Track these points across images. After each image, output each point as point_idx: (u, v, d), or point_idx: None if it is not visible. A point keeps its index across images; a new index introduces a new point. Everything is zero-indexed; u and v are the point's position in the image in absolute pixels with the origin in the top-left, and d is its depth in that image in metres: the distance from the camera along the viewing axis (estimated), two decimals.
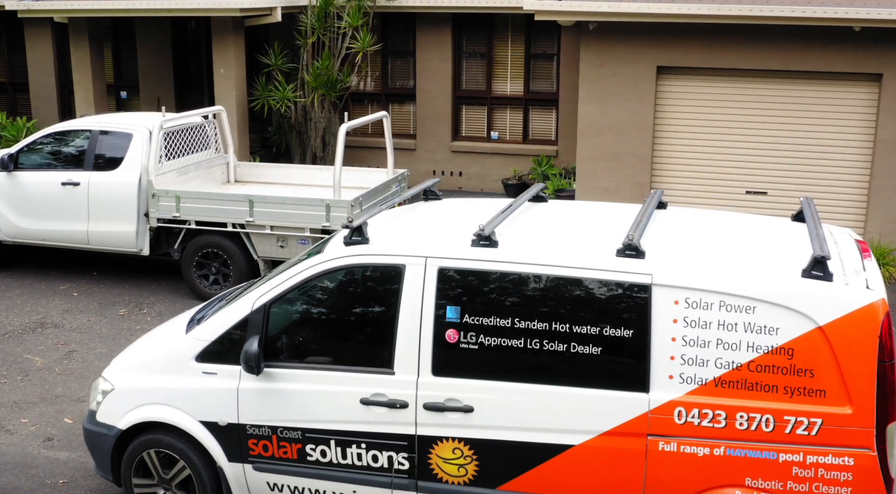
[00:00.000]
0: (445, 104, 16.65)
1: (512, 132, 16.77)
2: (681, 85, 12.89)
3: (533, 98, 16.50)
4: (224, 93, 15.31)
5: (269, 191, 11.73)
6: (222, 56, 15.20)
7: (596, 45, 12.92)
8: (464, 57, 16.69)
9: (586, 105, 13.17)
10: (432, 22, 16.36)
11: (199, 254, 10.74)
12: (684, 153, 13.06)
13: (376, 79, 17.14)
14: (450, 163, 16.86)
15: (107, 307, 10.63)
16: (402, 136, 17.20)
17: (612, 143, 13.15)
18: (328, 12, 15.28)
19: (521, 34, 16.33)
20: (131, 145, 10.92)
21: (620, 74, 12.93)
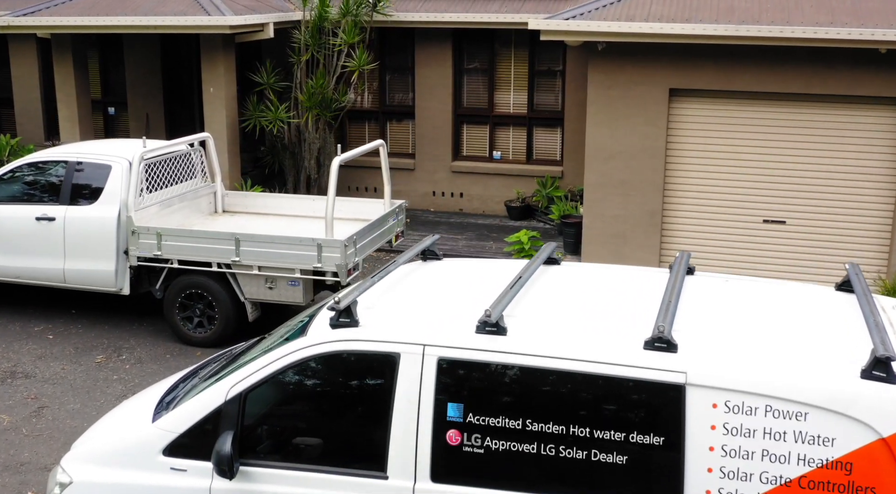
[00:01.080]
0: (446, 122, 15.95)
1: (515, 152, 16.07)
2: (694, 108, 12.18)
3: (537, 116, 15.80)
4: (213, 113, 14.61)
5: (258, 225, 11.04)
6: (212, 74, 14.50)
7: (605, 65, 12.22)
8: (465, 73, 15.99)
9: (595, 128, 12.47)
10: (432, 37, 15.67)
11: (182, 295, 10.04)
12: (698, 180, 12.36)
13: (374, 95, 16.44)
14: (450, 183, 16.17)
15: (83, 352, 9.93)
16: (401, 155, 16.51)
17: (622, 169, 12.45)
18: (322, 28, 14.58)
19: (524, 50, 15.63)
20: (110, 178, 10.22)
21: (631, 97, 12.23)
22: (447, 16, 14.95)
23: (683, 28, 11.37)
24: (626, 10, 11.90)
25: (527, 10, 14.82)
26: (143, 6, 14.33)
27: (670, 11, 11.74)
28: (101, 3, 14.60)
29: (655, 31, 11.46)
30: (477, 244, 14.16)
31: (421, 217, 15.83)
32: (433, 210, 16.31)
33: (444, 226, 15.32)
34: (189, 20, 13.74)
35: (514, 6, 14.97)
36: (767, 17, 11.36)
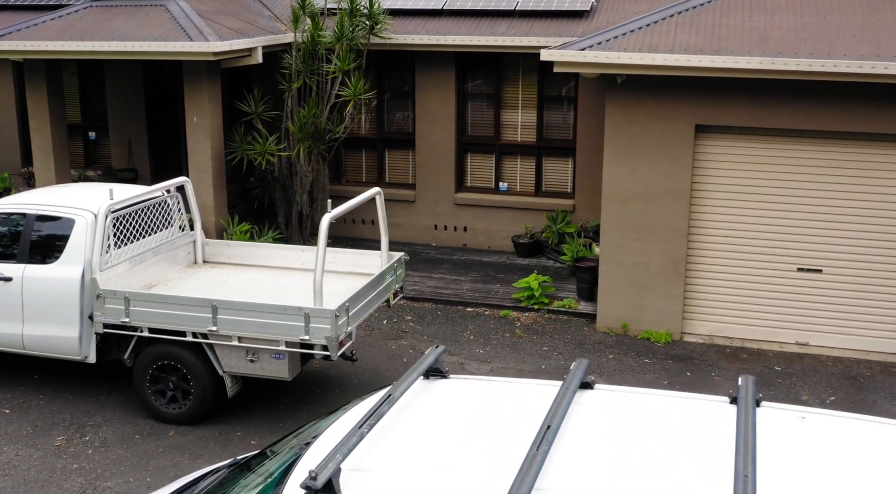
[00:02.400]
0: (448, 151, 14.84)
1: (523, 183, 14.95)
2: (723, 146, 11.07)
3: (546, 146, 14.69)
4: (197, 144, 13.50)
5: (241, 279, 9.94)
6: (195, 103, 13.39)
7: (624, 99, 11.11)
8: (469, 99, 14.88)
9: (612, 167, 11.36)
10: (433, 60, 14.56)
11: (153, 367, 8.93)
12: (726, 224, 11.25)
13: (371, 122, 15.34)
14: (453, 216, 15.06)
15: (42, 432, 8.82)
16: (400, 186, 15.40)
17: (643, 212, 11.34)
18: (315, 53, 13.47)
19: (533, 74, 14.52)
20: (73, 233, 9.11)
21: (653, 133, 11.12)
22: (450, 38, 13.84)
23: (713, 61, 10.25)
24: (648, 38, 10.79)
25: (536, 32, 13.71)
26: (121, 30, 13.22)
27: (697, 41, 10.63)
28: (75, 26, 13.49)
29: (682, 63, 10.35)
30: (482, 288, 13.04)
31: (422, 253, 14.72)
32: (435, 245, 15.20)
33: (446, 263, 14.21)
34: (169, 46, 12.62)
35: (522, 28, 13.86)
36: (806, 48, 10.25)
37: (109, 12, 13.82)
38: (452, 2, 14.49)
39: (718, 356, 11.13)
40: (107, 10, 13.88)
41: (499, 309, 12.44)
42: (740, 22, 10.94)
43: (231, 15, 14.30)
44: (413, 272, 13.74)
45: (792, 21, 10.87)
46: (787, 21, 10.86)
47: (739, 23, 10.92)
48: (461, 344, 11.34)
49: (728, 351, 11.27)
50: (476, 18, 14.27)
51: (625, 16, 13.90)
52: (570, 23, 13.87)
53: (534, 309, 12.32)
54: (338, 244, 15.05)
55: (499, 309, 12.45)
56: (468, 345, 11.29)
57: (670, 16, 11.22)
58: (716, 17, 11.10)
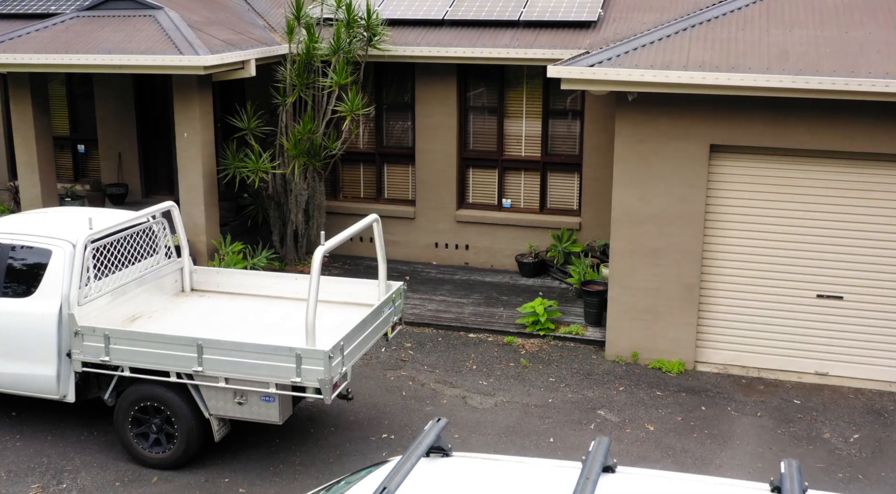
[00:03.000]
0: (450, 167, 14.28)
1: (527, 200, 14.39)
2: (739, 167, 10.51)
3: (552, 161, 14.12)
4: (188, 160, 12.94)
5: (231, 309, 9.38)
6: (185, 117, 12.83)
7: (635, 117, 10.54)
8: (471, 112, 14.31)
9: (623, 189, 10.79)
10: (434, 72, 14.00)
11: (135, 408, 8.37)
12: (742, 248, 10.68)
13: (370, 134, 14.77)
14: (454, 234, 14.49)
15: (16, 478, 8.26)
16: (400, 202, 14.84)
17: (655, 236, 10.78)
18: (311, 65, 12.90)
19: (538, 87, 13.95)
20: (50, 265, 8.55)
21: (665, 153, 10.56)
22: (451, 50, 13.28)
23: (730, 78, 9.69)
24: (660, 54, 10.23)
25: (541, 43, 13.14)
26: (108, 41, 12.66)
27: (713, 56, 10.06)
28: (60, 38, 12.93)
29: (697, 81, 9.79)
30: (486, 312, 12.48)
31: (422, 273, 14.16)
32: (435, 263, 14.65)
33: (447, 284, 13.65)
34: (157, 59, 12.06)
35: (526, 39, 13.29)
36: (828, 65, 9.68)
37: (96, 22, 13.26)
38: (454, 12, 13.93)
39: (734, 387, 10.57)
40: (94, 21, 13.32)
41: (503, 336, 11.88)
42: (758, 36, 10.38)
43: (223, 25, 13.74)
44: (413, 294, 13.18)
45: (812, 35, 10.31)
46: (807, 35, 10.30)
47: (757, 37, 10.36)
48: (463, 374, 10.78)
49: (744, 382, 10.71)
50: (478, 29, 13.71)
51: (633, 26, 13.35)
52: (577, 34, 13.31)
53: (539, 336, 11.76)
54: (335, 262, 14.50)
55: (503, 335, 11.89)
56: (471, 376, 10.73)
57: (683, 29, 10.66)
58: (731, 31, 10.54)
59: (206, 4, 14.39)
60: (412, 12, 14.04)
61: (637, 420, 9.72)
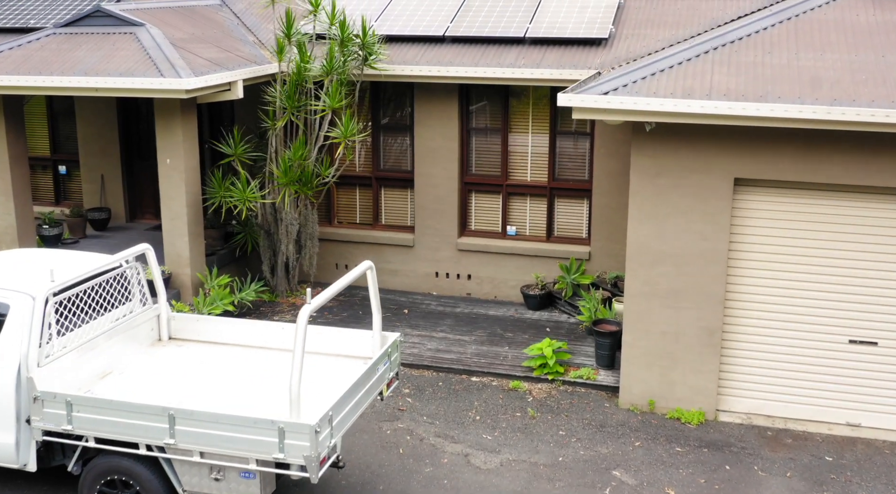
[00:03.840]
0: (451, 192, 13.44)
1: (533, 227, 13.54)
2: (766, 202, 9.66)
3: (560, 187, 13.27)
4: (171, 188, 12.10)
5: (212, 359, 8.54)
6: (168, 142, 11.99)
7: (653, 148, 9.70)
8: (473, 134, 13.46)
9: (638, 225, 9.95)
10: (434, 91, 13.15)
11: (101, 482, 7.53)
12: (769, 289, 9.84)
13: (366, 156, 13.93)
14: (456, 263, 13.65)
15: None
16: (398, 229, 14.00)
17: (673, 276, 9.94)
18: (302, 87, 12.06)
19: (544, 107, 13.11)
20: (7, 321, 7.70)
21: (685, 187, 9.72)
22: (452, 70, 12.42)
23: (759, 109, 8.84)
24: (680, 80, 9.38)
25: (549, 62, 12.29)
26: (85, 62, 11.81)
27: (738, 83, 9.21)
28: (35, 57, 12.08)
29: (722, 111, 8.94)
30: (489, 351, 11.63)
31: (421, 305, 13.31)
32: (436, 294, 13.80)
33: (448, 318, 12.80)
34: (136, 82, 11.22)
35: (533, 57, 12.44)
36: (865, 94, 8.83)
37: (74, 40, 12.42)
38: (455, 27, 13.08)
39: (760, 441, 9.72)
40: (71, 39, 12.48)
41: (508, 379, 11.03)
42: (786, 60, 9.53)
43: (209, 43, 12.89)
44: (411, 330, 12.34)
45: (846, 59, 9.46)
46: (840, 59, 9.45)
47: (786, 61, 9.51)
48: (465, 426, 9.94)
49: (770, 435, 9.86)
50: (482, 46, 12.86)
51: (647, 43, 12.50)
52: (587, 52, 12.46)
53: (547, 380, 10.92)
54: None
55: (508, 378, 11.04)
56: (474, 428, 9.89)
57: (705, 52, 9.81)
58: (758, 54, 9.69)
59: (191, 20, 13.55)
60: (411, 28, 13.19)
61: (656, 483, 8.87)
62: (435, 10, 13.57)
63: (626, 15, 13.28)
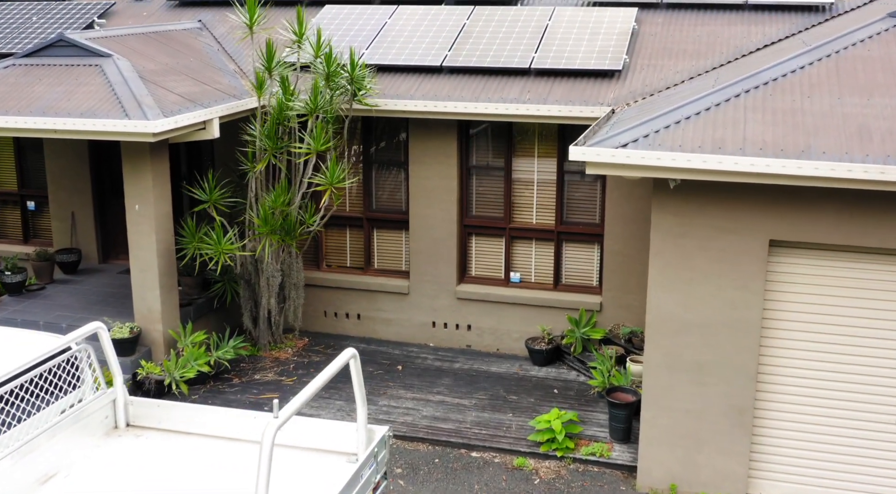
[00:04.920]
0: (449, 235, 12.30)
1: (539, 274, 12.41)
2: (806, 267, 8.52)
3: (568, 231, 12.13)
4: (140, 236, 10.97)
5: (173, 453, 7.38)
6: (137, 187, 10.87)
7: (677, 206, 8.56)
8: (474, 173, 12.33)
9: (660, 290, 8.81)
10: (431, 126, 12.02)
11: None
12: (808, 363, 8.70)
13: (357, 195, 12.78)
14: (455, 313, 12.51)
15: None
16: (391, 274, 12.86)
17: (699, 347, 8.80)
18: (285, 125, 10.92)
19: (551, 144, 11.97)
20: None
21: (714, 249, 8.58)
22: (451, 105, 11.30)
23: (801, 167, 7.70)
24: (709, 129, 8.24)
25: (556, 97, 11.16)
26: (44, 98, 10.68)
27: (775, 134, 8.07)
28: None
29: (760, 170, 7.80)
30: (491, 420, 10.49)
31: (417, 359, 12.18)
32: (433, 345, 12.66)
33: (446, 376, 11.67)
34: (98, 124, 10.09)
35: (539, 91, 11.31)
36: None
37: (34, 73, 11.29)
38: (454, 57, 11.94)
39: None
40: (31, 71, 11.35)
41: (512, 455, 9.90)
42: (829, 106, 8.39)
43: (185, 74, 11.76)
44: (405, 392, 11.21)
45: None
46: (890, 105, 8.31)
47: (828, 107, 8.37)
48: None
49: None
50: (483, 78, 11.73)
51: (665, 75, 11.37)
52: (599, 85, 11.33)
53: (556, 458, 9.78)
54: (316, 345, 12.53)
55: (512, 454, 9.91)
56: None
57: (735, 96, 8.66)
58: (795, 98, 8.55)
59: (166, 47, 12.42)
60: (405, 57, 12.06)
61: None
62: (431, 38, 12.44)
63: (640, 42, 12.14)
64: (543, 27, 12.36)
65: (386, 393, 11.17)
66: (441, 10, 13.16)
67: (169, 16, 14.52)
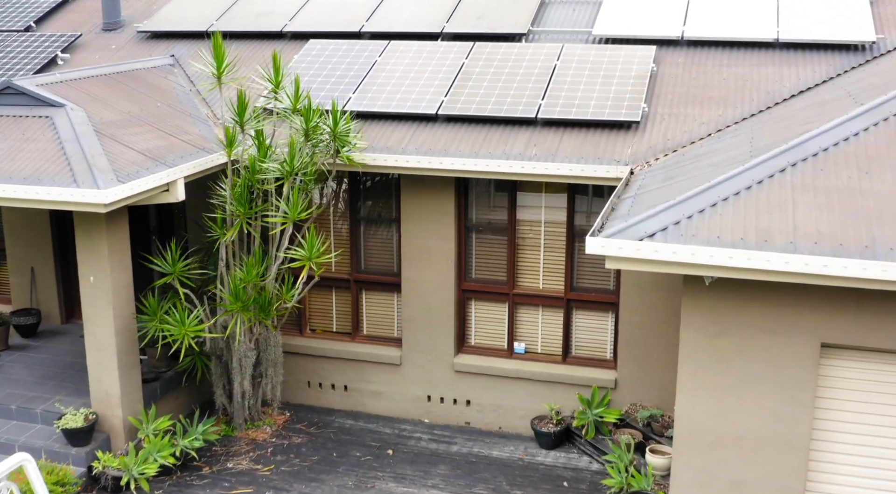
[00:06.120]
0: (446, 302, 11.01)
1: (547, 345, 11.12)
2: (865, 373, 7.24)
3: (579, 298, 10.84)
4: (96, 313, 9.69)
5: None
6: (90, 257, 9.58)
7: (712, 302, 7.28)
8: (474, 232, 11.04)
9: (690, 397, 7.52)
10: (426, 181, 10.73)
11: None
12: (865, 480, 7.41)
13: (343, 254, 11.50)
14: (452, 387, 11.22)
15: None
16: (382, 341, 11.58)
17: (736, 465, 7.51)
18: (255, 189, 9.64)
19: (560, 201, 10.68)
20: None
21: (754, 351, 7.29)
22: (447, 161, 10.02)
23: (866, 268, 6.40)
24: (752, 215, 6.94)
25: (566, 152, 9.88)
26: None
27: (831, 222, 6.78)
28: None
29: (815, 270, 6.51)
30: None
31: (410, 440, 10.89)
32: (428, 421, 11.37)
33: (442, 463, 10.38)
34: (41, 192, 8.80)
35: (547, 144, 10.03)
36: None
37: None
38: (451, 104, 10.66)
39: None
40: None
41: None
42: (891, 184, 7.09)
43: (149, 123, 10.48)
44: (396, 485, 9.91)
45: None
46: None
47: (891, 186, 7.08)
48: None
49: None
50: (484, 127, 10.45)
51: (688, 127, 10.08)
52: (614, 138, 10.03)
53: None
54: (298, 422, 11.25)
55: None
56: None
57: (780, 170, 7.36)
58: (852, 174, 7.25)
59: (130, 90, 11.14)
60: (396, 104, 10.77)
61: None
62: (426, 80, 11.15)
63: (659, 87, 10.84)
64: (551, 68, 11.07)
65: (374, 486, 9.89)
66: (437, 46, 11.87)
67: (140, 49, 13.24)
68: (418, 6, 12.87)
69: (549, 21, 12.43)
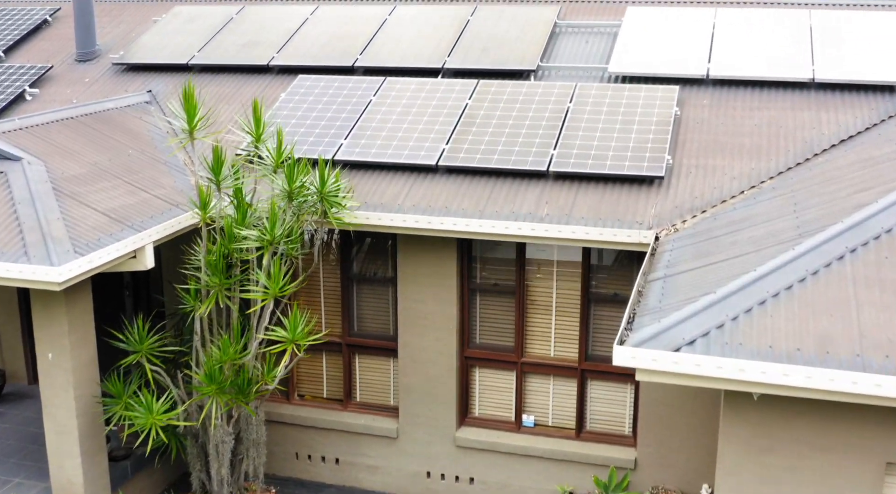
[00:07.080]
0: (447, 370, 9.96)
1: (558, 418, 10.07)
2: None
3: (595, 369, 9.79)
4: (55, 394, 8.64)
5: None
6: (48, 333, 8.54)
7: (759, 415, 6.22)
8: (478, 294, 9.98)
9: None
10: (426, 240, 9.68)
11: None
12: None
13: (334, 316, 10.45)
14: (454, 463, 10.17)
15: None
16: (377, 410, 10.55)
17: None
18: (233, 259, 8.58)
19: (573, 263, 9.63)
20: None
21: (808, 470, 6.24)
22: (448, 222, 8.97)
23: None
24: (808, 319, 5.88)
25: (581, 213, 8.83)
26: None
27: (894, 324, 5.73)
28: None
29: (888, 393, 5.45)
30: None
31: None
32: None
33: None
34: None
35: (559, 202, 8.98)
36: None
37: None
38: (453, 153, 9.61)
39: None
40: None
41: None
42: None
43: (118, 176, 9.43)
44: None
45: None
46: None
47: None
48: None
49: None
50: (490, 180, 9.40)
51: (717, 182, 9.03)
52: (636, 194, 8.98)
53: None
54: (287, 490, 10.22)
55: None
56: None
57: (838, 258, 6.29)
58: None
59: (98, 136, 10.09)
60: (391, 153, 9.72)
61: None
62: (425, 125, 10.10)
63: (684, 133, 9.79)
64: (563, 111, 10.02)
65: None
66: (438, 84, 10.82)
67: (115, 83, 12.19)
68: (417, 37, 11.82)
69: (561, 55, 11.38)
